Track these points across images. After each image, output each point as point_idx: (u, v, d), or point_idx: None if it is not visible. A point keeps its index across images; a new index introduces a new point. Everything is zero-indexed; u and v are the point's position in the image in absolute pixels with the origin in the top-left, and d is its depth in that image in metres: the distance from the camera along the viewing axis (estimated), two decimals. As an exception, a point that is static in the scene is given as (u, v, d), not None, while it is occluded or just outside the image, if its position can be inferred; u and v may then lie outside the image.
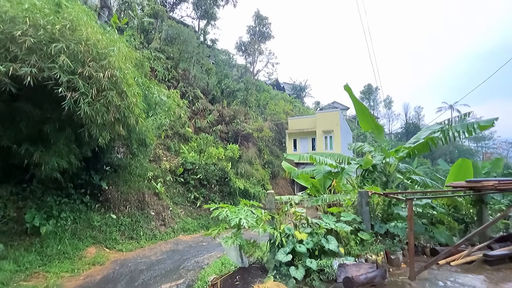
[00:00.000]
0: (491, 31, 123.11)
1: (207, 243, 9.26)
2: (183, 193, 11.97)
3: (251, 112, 20.83)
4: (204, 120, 17.87)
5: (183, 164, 12.61)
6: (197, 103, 17.88)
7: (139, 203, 9.31)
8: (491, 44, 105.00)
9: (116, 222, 8.17)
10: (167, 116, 10.51)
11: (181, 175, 12.37)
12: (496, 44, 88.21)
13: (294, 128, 25.43)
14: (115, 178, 9.37)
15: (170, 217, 10.10)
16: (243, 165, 15.53)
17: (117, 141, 10.27)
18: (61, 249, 6.44)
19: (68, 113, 5.93)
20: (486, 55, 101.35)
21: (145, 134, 9.79)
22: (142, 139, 9.65)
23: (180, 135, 15.38)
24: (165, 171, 11.83)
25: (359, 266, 3.88)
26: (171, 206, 10.55)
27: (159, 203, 10.05)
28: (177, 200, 11.38)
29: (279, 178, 21.20)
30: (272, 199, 4.63)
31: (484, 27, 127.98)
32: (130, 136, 9.19)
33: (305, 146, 25.76)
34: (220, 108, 19.31)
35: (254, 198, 14.59)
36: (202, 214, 11.86)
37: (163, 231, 9.35)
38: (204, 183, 12.78)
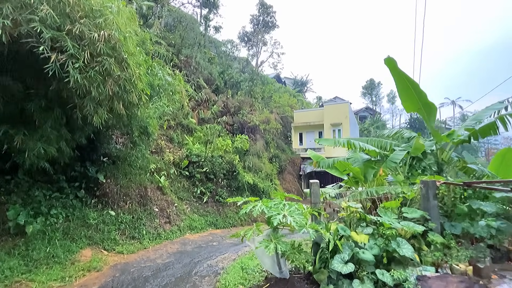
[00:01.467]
0: (491, 27, 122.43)
1: (217, 243, 8.27)
2: (188, 187, 10.95)
3: (256, 104, 19.76)
4: (208, 111, 16.79)
5: (187, 156, 11.57)
6: (200, 93, 16.79)
7: (141, 198, 8.28)
8: (490, 41, 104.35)
9: (115, 220, 7.15)
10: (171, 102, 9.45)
11: (185, 168, 11.34)
12: (495, 40, 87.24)
13: (300, 121, 24.43)
14: (113, 170, 8.33)
15: (175, 214, 9.09)
16: (251, 158, 14.51)
17: (115, 130, 9.28)
18: (50, 252, 5.41)
19: (57, 88, 4.89)
20: (486, 52, 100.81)
21: (147, 122, 8.78)
22: (144, 127, 8.63)
23: (183, 126, 14.32)
24: (168, 163, 10.79)
25: (445, 279, 2.89)
26: (176, 202, 9.53)
27: (163, 198, 9.03)
28: (182, 195, 10.37)
29: (286, 173, 20.24)
30: (318, 191, 3.62)
31: (483, 23, 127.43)
32: (131, 122, 8.17)
33: (311, 140, 24.77)
34: (224, 99, 18.23)
35: (263, 193, 13.61)
36: (209, 210, 10.86)
37: (168, 229, 8.34)
38: (210, 177, 11.76)
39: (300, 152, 23.69)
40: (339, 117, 22.16)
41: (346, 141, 5.14)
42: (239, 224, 11.46)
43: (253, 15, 26.76)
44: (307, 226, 3.06)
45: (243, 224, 11.71)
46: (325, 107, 23.12)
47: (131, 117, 8.15)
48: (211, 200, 11.35)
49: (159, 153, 11.07)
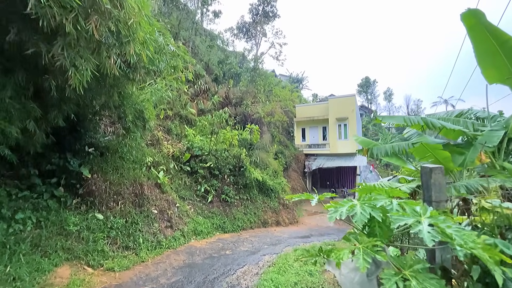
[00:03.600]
0: None
1: (231, 251, 6.81)
2: (190, 185, 9.43)
3: (260, 95, 18.33)
4: (208, 102, 15.25)
5: (189, 149, 10.04)
6: (200, 81, 15.23)
7: (135, 198, 6.74)
8: None
9: (103, 225, 5.60)
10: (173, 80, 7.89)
11: (186, 162, 9.81)
12: None
13: (303, 116, 23.13)
14: (102, 163, 6.75)
15: (177, 216, 7.57)
16: (258, 152, 13.08)
17: (104, 113, 7.72)
18: (10, 273, 3.84)
19: (18, 40, 3.35)
20: None
21: (142, 105, 7.26)
22: (139, 111, 7.12)
23: (181, 117, 12.76)
24: (167, 157, 9.24)
25: None
26: (178, 202, 8.01)
27: (162, 197, 7.50)
28: (184, 194, 8.84)
29: (290, 170, 18.91)
30: (443, 182, 2.21)
31: None
32: (123, 103, 6.65)
33: (314, 136, 23.55)
34: (225, 89, 16.72)
35: (272, 192, 12.21)
36: (215, 211, 9.37)
37: (169, 235, 6.82)
38: (215, 173, 10.27)
39: (303, 148, 22.42)
40: (345, 111, 20.98)
41: (420, 119, 3.83)
42: (248, 227, 10.02)
43: (252, 4, 25.27)
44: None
45: (253, 226, 10.28)
46: (330, 100, 21.90)
47: (124, 97, 6.64)
48: (217, 200, 9.86)
49: (156, 145, 9.50)
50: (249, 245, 7.59)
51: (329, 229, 13.18)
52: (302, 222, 13.82)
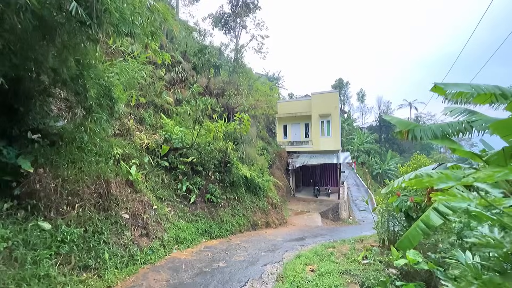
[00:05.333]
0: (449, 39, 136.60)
1: (224, 263, 5.51)
2: (169, 183, 7.89)
3: (242, 87, 17.08)
4: (186, 92, 13.65)
5: (167, 140, 8.48)
6: (177, 68, 13.58)
7: (99, 199, 5.14)
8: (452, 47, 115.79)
9: (51, 238, 3.98)
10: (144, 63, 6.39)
11: (164, 157, 8.26)
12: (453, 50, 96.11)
13: (285, 112, 22.30)
14: (52, 155, 5.05)
15: (154, 221, 6.06)
16: (244, 147, 11.83)
17: (58, 98, 6.05)
18: None
19: None
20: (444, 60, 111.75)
21: (109, 81, 5.73)
22: (106, 88, 5.58)
23: (156, 106, 11.07)
24: (140, 149, 7.63)
25: None
26: (155, 203, 6.49)
27: (135, 198, 5.94)
28: (162, 194, 7.31)
29: (274, 167, 17.90)
30: None
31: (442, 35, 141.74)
32: (83, 75, 5.11)
33: (296, 133, 22.86)
34: (206, 79, 15.23)
35: (261, 190, 11.04)
36: (200, 214, 7.95)
37: (145, 246, 5.32)
38: (198, 169, 8.83)
39: (285, 145, 21.57)
40: (328, 107, 20.53)
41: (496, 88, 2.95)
42: (237, 231, 8.74)
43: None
44: None
45: (243, 230, 9.02)
46: (313, 96, 21.31)
47: (84, 67, 5.08)
48: (201, 200, 8.44)
49: (126, 136, 7.83)
50: (244, 253, 6.34)
51: (320, 229, 12.37)
52: (291, 222, 12.85)
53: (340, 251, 7.21)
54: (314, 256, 6.53)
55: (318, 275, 4.80)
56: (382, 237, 7.71)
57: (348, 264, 5.60)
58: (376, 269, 5.20)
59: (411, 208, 6.47)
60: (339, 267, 5.23)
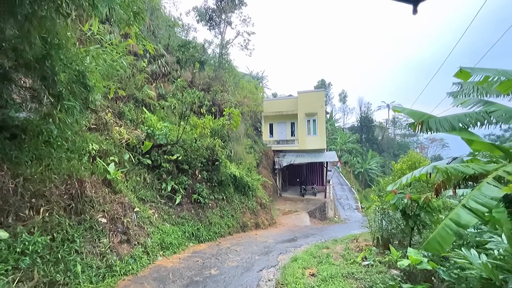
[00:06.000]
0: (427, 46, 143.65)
1: (217, 270, 4.98)
2: (152, 182, 7.20)
3: (229, 83, 16.49)
4: (170, 86, 12.86)
5: (149, 136, 7.77)
6: (159, 61, 12.76)
7: (71, 201, 4.42)
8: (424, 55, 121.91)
9: (9, 250, 3.26)
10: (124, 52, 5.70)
11: (146, 154, 7.54)
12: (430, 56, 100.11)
13: (271, 110, 22.01)
14: (12, 151, 4.28)
15: (137, 225, 5.39)
16: (232, 145, 11.29)
17: (22, 87, 5.27)
18: None
19: None
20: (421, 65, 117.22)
21: (83, 66, 5.07)
22: (79, 72, 4.88)
23: (137, 100, 10.24)
24: (120, 145, 6.88)
25: None
26: (137, 205, 5.81)
27: (113, 199, 5.23)
28: (144, 194, 6.62)
29: (260, 167, 17.49)
30: None
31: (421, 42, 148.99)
32: (51, 55, 4.45)
33: (282, 132, 22.66)
34: (190, 73, 14.50)
35: (250, 190, 10.57)
36: (186, 216, 7.33)
37: (126, 254, 4.67)
38: (184, 168, 8.18)
39: (271, 144, 21.26)
40: (315, 106, 20.49)
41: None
42: (227, 233, 8.20)
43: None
44: None
45: (232, 232, 8.49)
46: (300, 95, 21.17)
47: (53, 46, 4.39)
48: (187, 201, 7.81)
49: (104, 130, 7.04)
50: (236, 258, 5.84)
51: (309, 229, 12.12)
52: (279, 222, 12.49)
53: (336, 252, 6.92)
54: (310, 258, 6.17)
55: (321, 280, 4.42)
56: (376, 236, 7.54)
57: (348, 266, 5.29)
58: (379, 271, 4.92)
59: (409, 206, 6.30)
60: (341, 270, 4.89)
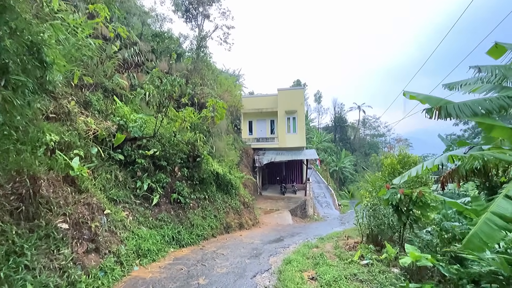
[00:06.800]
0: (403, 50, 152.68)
1: (205, 279, 4.33)
2: (125, 180, 6.29)
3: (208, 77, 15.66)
4: (143, 76, 11.76)
5: (121, 128, 6.83)
6: (133, 48, 11.63)
7: (20, 203, 3.49)
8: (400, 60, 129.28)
9: None
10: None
11: (118, 148, 6.60)
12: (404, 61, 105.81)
13: (250, 108, 21.49)
14: None
15: (107, 230, 4.53)
16: (213, 140, 10.56)
17: None
18: None
19: None
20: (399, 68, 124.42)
21: (39, 37, 4.21)
22: (34, 44, 4.04)
23: (106, 89, 9.11)
24: (86, 137, 5.89)
25: None
26: (107, 207, 4.93)
27: (78, 200, 4.33)
28: (116, 194, 5.71)
29: (241, 165, 16.90)
30: None
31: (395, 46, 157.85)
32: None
33: (262, 129, 22.26)
34: (167, 64, 13.47)
35: (233, 188, 9.94)
36: (165, 218, 6.53)
37: (94, 266, 3.83)
38: (162, 164, 7.34)
39: (251, 142, 20.74)
40: (295, 103, 20.37)
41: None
42: (210, 235, 7.51)
43: (192, -22, 22.10)
44: None
45: (215, 233, 7.81)
46: (279, 92, 20.90)
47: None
48: (166, 201, 6.99)
49: (66, 120, 5.99)
50: (225, 263, 5.21)
51: (293, 228, 11.81)
52: (262, 222, 12.02)
53: (328, 251, 6.58)
54: (304, 259, 5.75)
55: (325, 285, 3.98)
56: (366, 232, 7.36)
57: (348, 266, 4.93)
58: (381, 271, 4.62)
59: (402, 201, 6.14)
60: (342, 272, 4.51)
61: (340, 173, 41.67)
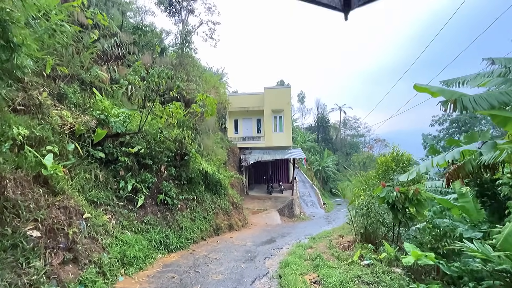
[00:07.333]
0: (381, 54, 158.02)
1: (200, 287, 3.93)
2: (106, 180, 5.69)
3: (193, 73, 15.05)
4: (125, 70, 11.00)
5: (102, 123, 6.20)
6: (113, 39, 10.84)
7: (-20, 208, 2.91)
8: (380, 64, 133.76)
9: None
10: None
11: (98, 145, 5.98)
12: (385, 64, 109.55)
13: (236, 106, 21.06)
14: None
15: (87, 236, 3.99)
16: (201, 138, 10.06)
17: None
18: None
19: None
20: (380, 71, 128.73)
21: (4, 12, 3.58)
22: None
23: (83, 81, 8.35)
24: (61, 132, 5.25)
25: None
26: (87, 210, 4.36)
27: (52, 202, 3.76)
28: (97, 196, 5.12)
29: (228, 164, 16.44)
30: None
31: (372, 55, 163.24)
32: None
33: (248, 128, 21.91)
34: (150, 57, 12.75)
35: (222, 188, 9.52)
36: (151, 221, 6.00)
37: (72, 279, 3.31)
38: (147, 163, 6.78)
39: (236, 141, 20.31)
40: (281, 102, 20.23)
41: None
42: (200, 239, 7.05)
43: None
44: None
45: (205, 236, 7.37)
46: (266, 91, 20.66)
47: None
48: (151, 203, 6.46)
49: (37, 113, 5.30)
50: (219, 269, 4.83)
51: (282, 228, 11.60)
52: (251, 222, 11.69)
53: (323, 251, 6.38)
54: (301, 261, 5.50)
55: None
56: (361, 231, 7.26)
57: (349, 268, 4.73)
58: (384, 271, 4.46)
59: (398, 199, 6.08)
60: (346, 274, 4.29)
61: (323, 173, 42.31)
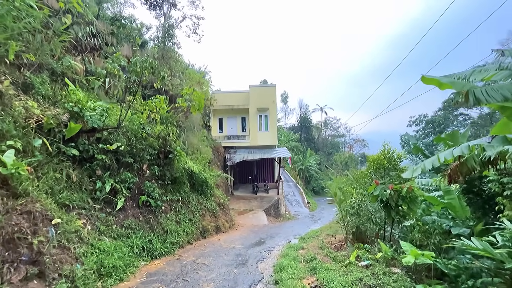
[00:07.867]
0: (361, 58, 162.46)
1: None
2: (80, 180, 5.06)
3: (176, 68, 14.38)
4: (102, 62, 10.18)
5: (76, 117, 5.55)
6: (89, 27, 10.01)
7: None
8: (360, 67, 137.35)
9: None
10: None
11: (71, 141, 5.33)
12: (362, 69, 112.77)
13: (221, 104, 20.55)
14: None
15: (56, 245, 3.43)
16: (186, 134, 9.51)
17: None
18: None
19: None
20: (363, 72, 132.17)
21: None
22: None
23: (54, 72, 7.54)
24: (26, 126, 4.58)
25: None
26: (56, 214, 3.78)
27: (13, 207, 3.17)
28: (69, 198, 4.51)
29: (212, 164, 15.91)
30: None
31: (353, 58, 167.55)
32: None
33: (233, 127, 21.44)
34: (130, 50, 11.97)
35: (208, 188, 9.05)
36: (133, 225, 5.45)
37: (37, 299, 2.77)
38: (127, 161, 6.19)
39: (221, 140, 19.80)
40: (266, 101, 20.00)
41: None
42: (186, 242, 6.57)
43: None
44: None
45: (191, 240, 6.89)
46: (251, 89, 20.31)
47: None
48: (133, 205, 5.89)
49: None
50: (211, 276, 4.42)
51: (270, 228, 11.32)
52: (237, 223, 11.30)
53: (317, 252, 6.16)
54: (296, 263, 5.22)
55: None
56: (352, 230, 7.14)
57: (348, 270, 4.51)
58: (384, 272, 4.29)
59: (392, 197, 5.99)
60: (345, 278, 4.06)
61: (306, 172, 42.74)
